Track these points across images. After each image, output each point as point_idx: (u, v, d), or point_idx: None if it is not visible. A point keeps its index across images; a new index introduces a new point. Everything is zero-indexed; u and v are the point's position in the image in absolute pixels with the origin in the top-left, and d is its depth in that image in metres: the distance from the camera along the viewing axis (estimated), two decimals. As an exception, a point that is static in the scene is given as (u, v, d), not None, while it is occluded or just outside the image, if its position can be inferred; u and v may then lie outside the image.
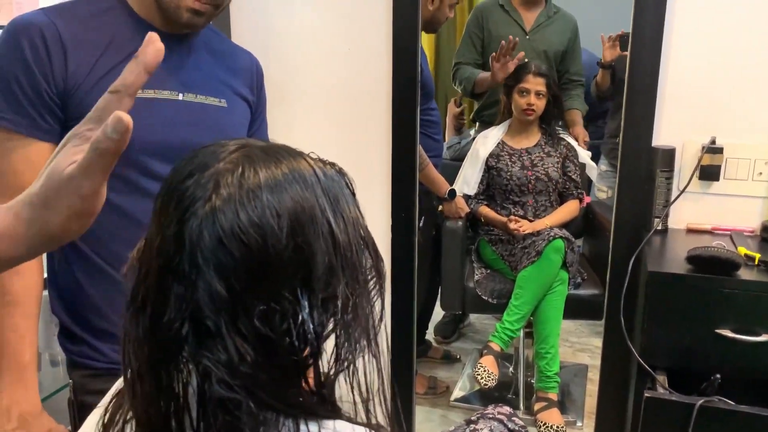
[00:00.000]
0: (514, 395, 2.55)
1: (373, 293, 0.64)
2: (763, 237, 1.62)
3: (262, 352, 0.56)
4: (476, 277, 2.52)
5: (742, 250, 1.49)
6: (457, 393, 2.63)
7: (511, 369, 2.64)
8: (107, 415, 0.66)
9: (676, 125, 1.68)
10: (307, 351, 0.59)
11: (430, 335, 3.00)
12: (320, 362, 0.61)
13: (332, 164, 0.65)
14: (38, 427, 1.11)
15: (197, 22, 1.12)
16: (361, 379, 0.62)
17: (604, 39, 2.90)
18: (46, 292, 1.19)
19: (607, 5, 3.33)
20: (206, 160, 0.59)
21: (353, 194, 0.65)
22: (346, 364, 0.61)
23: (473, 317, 3.23)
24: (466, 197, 2.64)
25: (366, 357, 0.62)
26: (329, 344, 0.62)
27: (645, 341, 1.49)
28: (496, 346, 2.35)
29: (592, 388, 2.60)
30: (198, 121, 1.16)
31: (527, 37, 2.84)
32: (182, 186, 0.58)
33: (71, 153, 0.57)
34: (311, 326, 0.58)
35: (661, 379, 1.44)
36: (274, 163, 0.59)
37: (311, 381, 0.61)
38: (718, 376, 1.38)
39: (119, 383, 0.70)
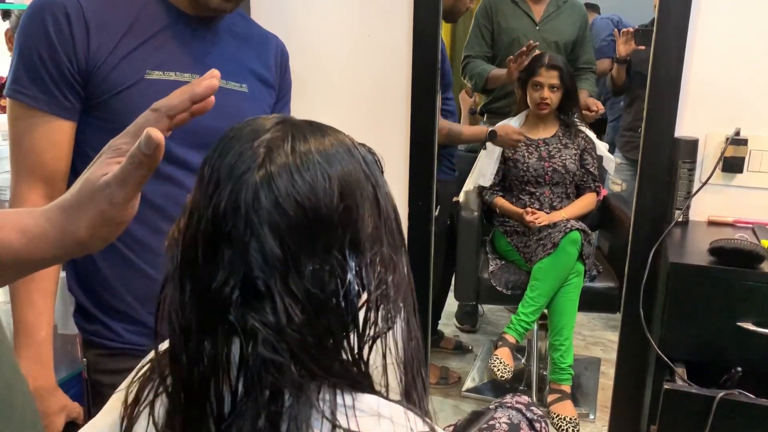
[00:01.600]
0: (526, 387, 2.54)
1: (405, 259, 0.67)
2: (786, 231, 1.60)
3: (310, 313, 0.58)
4: (491, 268, 2.51)
5: (766, 243, 1.47)
6: (469, 384, 2.63)
7: (523, 361, 2.63)
8: (133, 393, 0.66)
9: (700, 116, 1.67)
10: (356, 306, 0.61)
11: (447, 326, 3.00)
12: (359, 325, 0.62)
13: (362, 144, 0.68)
14: (53, 404, 1.12)
15: (226, 7, 1.10)
16: (399, 344, 0.64)
17: (618, 34, 2.90)
18: (63, 273, 1.19)
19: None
20: (253, 132, 0.62)
21: (382, 173, 0.68)
22: (387, 327, 0.63)
23: (486, 309, 3.22)
24: (482, 188, 2.63)
25: (400, 323, 0.65)
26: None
27: (664, 333, 1.48)
28: (511, 337, 2.34)
29: (605, 382, 2.59)
30: (218, 106, 1.14)
31: (537, 28, 2.83)
32: (232, 155, 0.60)
33: (106, 164, 0.62)
34: (356, 287, 0.61)
35: (681, 371, 1.42)
36: (320, 133, 0.63)
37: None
38: (739, 369, 1.37)
39: (142, 364, 0.70)
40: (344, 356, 0.62)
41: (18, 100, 1.04)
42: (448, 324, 3.07)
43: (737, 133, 1.62)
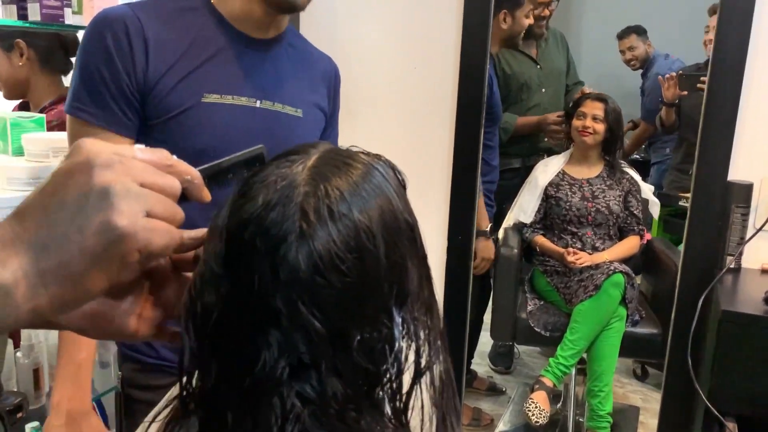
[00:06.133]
0: (562, 434, 2.46)
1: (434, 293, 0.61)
2: None
3: (355, 385, 0.53)
4: (529, 308, 2.45)
5: (825, 294, 1.40)
6: (502, 427, 2.55)
7: (559, 406, 2.54)
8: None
9: (755, 159, 1.62)
10: (402, 365, 0.56)
11: (480, 366, 2.93)
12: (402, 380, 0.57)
13: (378, 156, 0.61)
14: (86, 427, 1.10)
15: (300, 3, 1.07)
16: (436, 385, 0.59)
17: (662, 80, 2.89)
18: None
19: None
20: (285, 189, 0.54)
21: (403, 187, 0.61)
22: (425, 371, 0.57)
23: (521, 350, 3.15)
24: (522, 225, 2.58)
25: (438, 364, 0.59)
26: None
27: (714, 385, 1.41)
28: (548, 381, 2.27)
29: (644, 432, 2.49)
30: (272, 130, 1.12)
31: (539, 67, 2.87)
32: (265, 222, 0.53)
33: None
34: (402, 347, 0.55)
35: (731, 426, 1.35)
36: (345, 172, 0.56)
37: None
38: (796, 427, 1.29)
39: (169, 399, 0.66)
40: (383, 411, 0.56)
41: (78, 117, 1.04)
42: (481, 364, 3.00)
43: (795, 179, 1.57)
